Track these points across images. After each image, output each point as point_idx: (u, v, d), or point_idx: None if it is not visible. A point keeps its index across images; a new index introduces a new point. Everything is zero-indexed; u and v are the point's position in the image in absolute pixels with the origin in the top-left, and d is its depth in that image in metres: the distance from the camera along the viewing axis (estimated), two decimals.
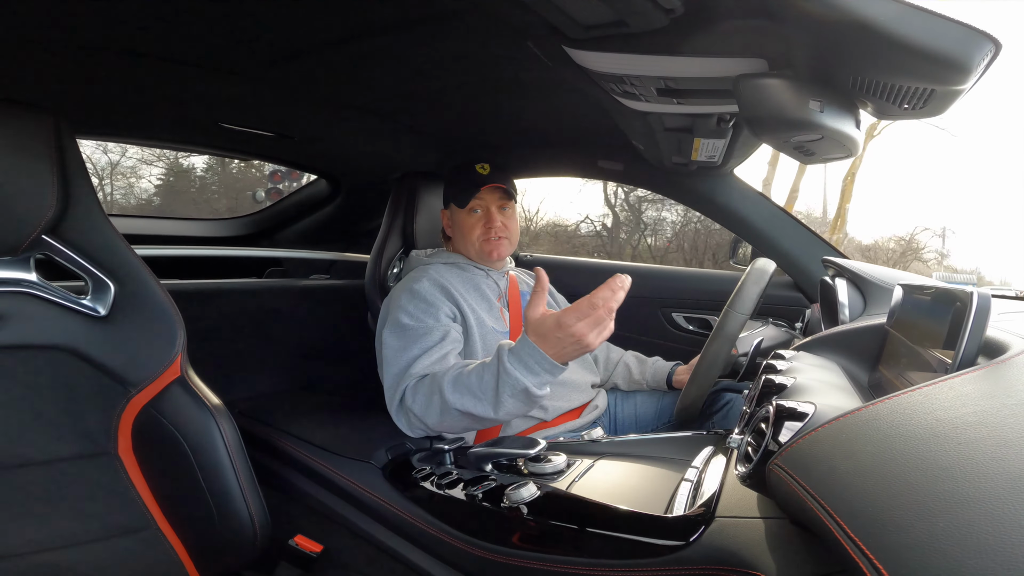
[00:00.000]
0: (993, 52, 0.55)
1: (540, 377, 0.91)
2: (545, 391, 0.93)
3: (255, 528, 0.84)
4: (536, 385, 0.92)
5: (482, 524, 0.80)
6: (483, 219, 1.28)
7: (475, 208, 1.28)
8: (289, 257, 1.97)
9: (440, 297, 1.18)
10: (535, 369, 0.91)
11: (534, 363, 0.91)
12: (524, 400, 0.93)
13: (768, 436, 0.50)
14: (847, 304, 0.99)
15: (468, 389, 0.97)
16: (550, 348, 0.89)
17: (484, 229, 1.28)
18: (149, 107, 1.34)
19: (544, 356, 0.90)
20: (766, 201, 1.52)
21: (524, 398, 0.93)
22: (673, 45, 0.72)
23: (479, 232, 1.28)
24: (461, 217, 1.30)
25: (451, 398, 0.98)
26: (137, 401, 0.81)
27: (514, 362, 0.92)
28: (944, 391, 0.41)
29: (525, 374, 0.91)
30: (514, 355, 0.92)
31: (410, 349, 1.10)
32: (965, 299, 0.48)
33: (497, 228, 1.28)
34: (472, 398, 0.97)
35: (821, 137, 0.72)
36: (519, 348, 0.92)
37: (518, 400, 0.93)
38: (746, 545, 0.56)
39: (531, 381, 0.91)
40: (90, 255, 0.80)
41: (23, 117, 0.73)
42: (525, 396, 0.92)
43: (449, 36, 0.94)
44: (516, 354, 0.92)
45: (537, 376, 0.91)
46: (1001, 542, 0.26)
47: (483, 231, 1.28)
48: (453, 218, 1.33)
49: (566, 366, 0.92)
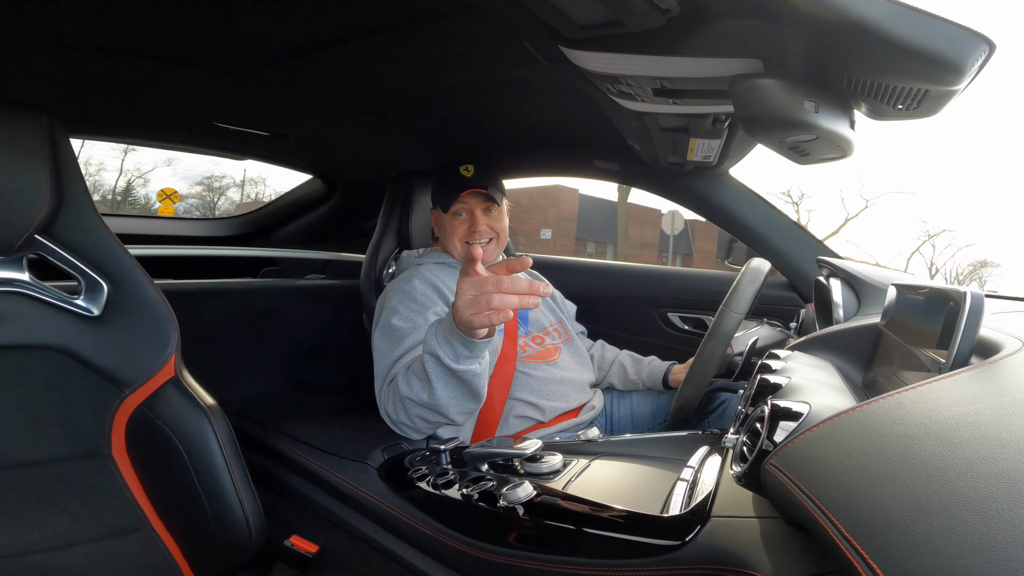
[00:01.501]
0: (987, 53, 0.55)
1: (454, 347, 0.88)
2: (465, 366, 0.90)
3: (250, 529, 0.84)
4: (450, 357, 0.88)
5: (478, 524, 0.80)
6: (467, 222, 1.27)
7: (459, 211, 1.27)
8: (284, 257, 1.96)
9: (431, 296, 1.18)
10: (449, 339, 0.88)
11: (448, 332, 0.88)
12: (448, 375, 0.91)
13: (763, 436, 0.50)
14: (841, 304, 0.99)
15: (414, 373, 0.97)
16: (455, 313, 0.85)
17: (468, 232, 1.27)
18: (143, 106, 1.33)
19: (453, 325, 0.85)
20: (761, 201, 1.52)
21: (445, 372, 0.91)
22: (669, 45, 0.72)
23: (462, 233, 1.28)
24: (446, 219, 1.29)
25: (402, 386, 0.98)
26: (131, 401, 0.81)
27: (435, 332, 0.90)
28: (938, 391, 0.41)
29: (440, 342, 0.89)
30: (436, 326, 0.91)
31: (396, 349, 1.10)
32: (959, 299, 0.48)
33: (481, 231, 1.26)
34: (417, 381, 0.96)
35: (816, 137, 0.72)
36: (443, 320, 0.90)
37: (444, 376, 0.91)
38: (741, 545, 0.57)
39: (444, 351, 0.88)
40: (83, 255, 0.80)
41: (16, 116, 0.73)
42: (443, 369, 0.90)
43: (445, 36, 0.94)
44: (437, 325, 0.91)
45: (451, 346, 0.88)
46: (995, 541, 0.26)
47: (466, 234, 1.27)
48: (439, 220, 1.33)
49: (480, 341, 0.87)
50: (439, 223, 1.33)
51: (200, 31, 0.94)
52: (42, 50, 0.97)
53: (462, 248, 1.28)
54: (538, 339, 1.29)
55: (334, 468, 1.02)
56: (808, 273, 1.41)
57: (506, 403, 1.19)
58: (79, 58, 1.01)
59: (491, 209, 1.28)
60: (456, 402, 0.95)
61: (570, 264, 1.96)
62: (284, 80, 1.17)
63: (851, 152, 0.77)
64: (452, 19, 0.88)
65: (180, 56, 1.03)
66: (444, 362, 0.89)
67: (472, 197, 1.26)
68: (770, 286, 1.52)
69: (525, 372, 1.21)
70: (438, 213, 1.33)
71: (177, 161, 19.49)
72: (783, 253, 1.47)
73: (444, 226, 1.30)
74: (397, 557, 0.90)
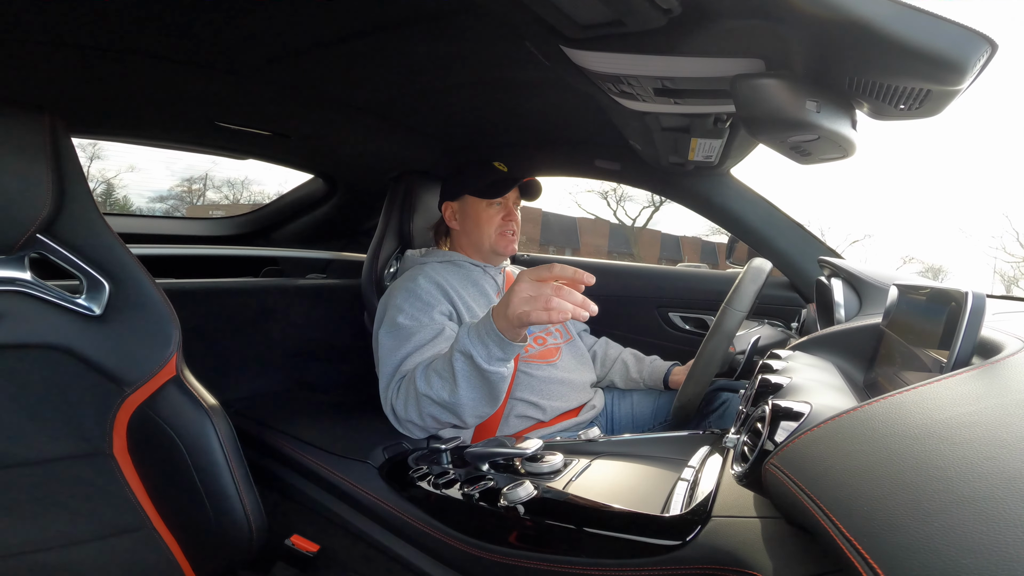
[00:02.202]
0: (989, 53, 0.55)
1: (488, 348, 0.90)
2: (495, 368, 0.92)
3: (251, 528, 0.84)
4: (483, 357, 0.90)
5: (479, 524, 0.80)
6: (503, 212, 1.31)
7: (498, 202, 1.31)
8: (285, 256, 1.96)
9: (437, 295, 1.18)
10: (484, 339, 0.90)
11: (484, 333, 0.90)
12: (475, 376, 0.93)
13: (764, 436, 0.50)
14: (843, 304, 0.99)
15: (435, 371, 0.99)
16: (500, 320, 0.88)
17: (503, 221, 1.30)
18: (145, 106, 1.33)
19: (492, 326, 0.89)
20: (763, 201, 1.52)
21: (473, 372, 0.92)
22: (670, 45, 0.72)
23: (497, 224, 1.30)
24: (479, 208, 1.30)
25: (420, 384, 0.99)
26: (132, 401, 0.81)
27: (468, 331, 0.93)
28: (939, 391, 0.41)
29: (473, 342, 0.91)
30: (471, 327, 0.93)
31: (403, 347, 1.10)
32: (960, 299, 0.48)
33: (518, 221, 1.32)
34: (438, 379, 0.97)
35: (817, 137, 0.72)
36: (479, 322, 0.93)
37: (471, 376, 0.93)
38: (742, 545, 0.56)
39: (477, 350, 0.91)
40: (85, 254, 0.80)
41: (18, 116, 0.73)
42: (473, 368, 0.92)
43: (446, 35, 0.94)
44: (473, 326, 0.93)
45: (485, 347, 0.90)
46: (996, 542, 0.26)
47: (501, 223, 1.30)
48: (467, 209, 1.32)
49: (516, 343, 0.90)
50: (466, 212, 1.32)
51: (202, 31, 0.94)
52: (43, 50, 0.97)
53: (496, 239, 1.30)
54: (540, 339, 1.29)
55: (335, 467, 1.02)
56: (809, 273, 1.41)
57: (507, 403, 1.19)
58: (81, 58, 1.01)
59: (519, 206, 1.35)
60: (475, 404, 0.97)
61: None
62: (286, 80, 1.17)
63: (852, 152, 0.77)
64: (453, 19, 0.88)
65: (182, 55, 1.03)
66: (476, 361, 0.91)
67: (513, 191, 1.32)
68: (771, 286, 1.52)
69: (526, 372, 1.21)
70: (468, 202, 1.32)
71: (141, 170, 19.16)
72: (784, 253, 1.47)
73: (475, 215, 1.31)
74: (398, 556, 0.90)
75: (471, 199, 1.31)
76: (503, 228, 1.30)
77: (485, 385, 0.94)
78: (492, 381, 0.93)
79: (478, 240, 1.31)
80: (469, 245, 1.33)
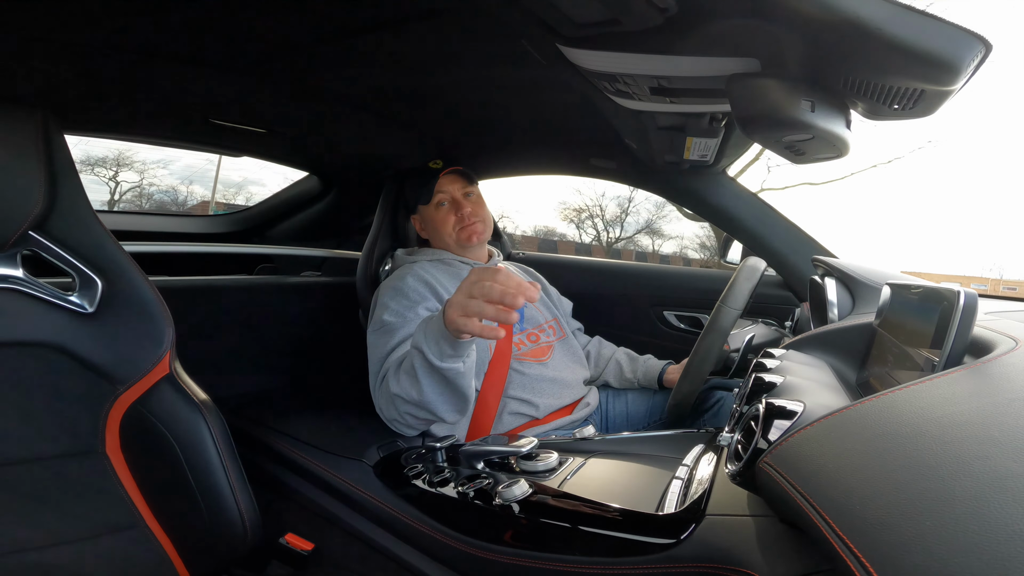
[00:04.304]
0: (983, 53, 0.55)
1: (439, 345, 0.89)
2: (448, 364, 0.91)
3: (245, 526, 0.84)
4: (434, 354, 0.89)
5: (474, 522, 0.80)
6: (451, 209, 1.31)
7: (441, 201, 1.31)
8: (280, 254, 1.95)
9: (423, 292, 1.18)
10: (436, 336, 0.89)
11: (435, 329, 0.89)
12: (433, 372, 0.92)
13: (757, 434, 0.51)
14: (836, 303, 0.99)
15: (404, 370, 0.98)
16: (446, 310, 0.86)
17: (456, 217, 1.30)
18: (138, 103, 1.33)
19: (442, 323, 0.86)
20: (757, 200, 1.52)
21: (430, 368, 0.91)
22: (667, 44, 0.72)
23: (452, 221, 1.30)
24: (430, 213, 1.32)
25: (392, 383, 1.00)
26: (125, 399, 0.80)
27: (423, 326, 0.92)
28: (931, 390, 0.41)
29: (427, 338, 0.90)
30: (425, 321, 0.93)
31: (387, 344, 1.11)
32: (952, 298, 0.48)
33: (467, 213, 1.30)
34: (407, 377, 0.97)
35: (812, 137, 0.72)
36: (433, 316, 0.92)
37: (430, 373, 0.92)
38: (736, 543, 0.57)
39: (429, 347, 0.89)
40: (77, 251, 0.79)
41: (11, 113, 0.73)
42: (427, 365, 0.91)
43: (442, 33, 0.94)
44: (425, 321, 0.93)
45: (436, 344, 0.89)
46: (987, 540, 0.26)
47: (456, 219, 1.30)
48: (424, 218, 1.36)
49: (459, 339, 0.87)
50: (425, 222, 1.36)
51: (196, 28, 0.93)
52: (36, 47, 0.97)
53: (458, 236, 1.30)
54: (533, 336, 1.29)
55: (329, 466, 1.02)
56: (803, 272, 1.41)
57: (500, 401, 1.19)
58: (73, 55, 1.00)
59: (470, 193, 1.33)
60: (443, 400, 0.96)
61: (566, 262, 1.96)
62: (280, 77, 1.16)
63: (847, 152, 0.77)
64: (449, 16, 0.87)
65: (176, 53, 1.03)
66: (428, 358, 0.90)
67: (450, 183, 1.31)
68: (765, 285, 1.52)
69: (519, 370, 1.21)
70: (421, 212, 1.35)
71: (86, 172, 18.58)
72: (778, 252, 1.48)
73: (430, 221, 1.33)
74: (392, 555, 0.90)
75: (422, 208, 1.34)
76: (460, 224, 1.30)
77: (444, 382, 0.93)
78: (448, 377, 0.92)
79: (445, 243, 1.33)
80: (444, 246, 1.35)
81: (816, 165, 0.91)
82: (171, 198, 14.08)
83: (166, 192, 14.06)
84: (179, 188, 14.47)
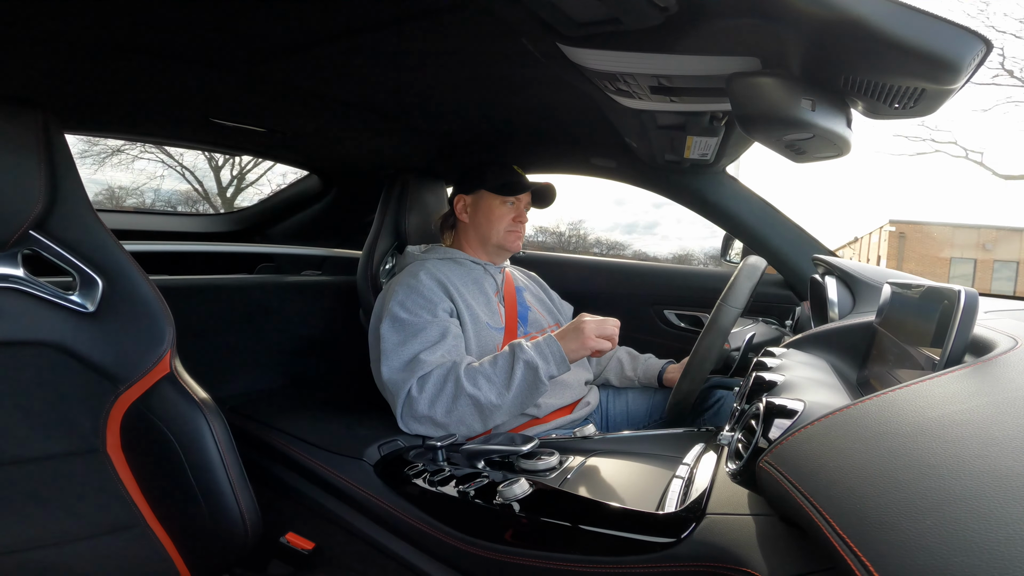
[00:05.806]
0: (984, 52, 0.55)
1: (549, 364, 1.07)
2: (546, 384, 1.08)
3: (246, 525, 0.84)
4: (544, 371, 1.07)
5: (474, 521, 0.80)
6: (514, 212, 1.34)
7: (509, 200, 1.34)
8: (280, 253, 1.95)
9: (438, 292, 1.18)
10: (547, 356, 1.08)
11: (547, 351, 1.08)
12: (531, 384, 1.07)
13: (758, 433, 0.51)
14: (836, 302, 0.99)
15: (482, 374, 1.08)
16: (565, 342, 1.09)
17: (513, 221, 1.33)
18: (139, 102, 1.33)
19: (558, 347, 1.08)
20: (757, 199, 1.52)
21: (532, 380, 1.06)
22: (667, 43, 0.72)
23: (508, 222, 1.33)
24: (493, 204, 1.32)
25: (465, 383, 1.06)
26: (126, 398, 0.80)
27: (531, 347, 1.09)
28: (931, 389, 0.41)
29: (537, 356, 1.07)
30: (532, 344, 1.10)
31: (410, 344, 1.11)
32: (953, 297, 0.48)
33: (522, 222, 1.36)
34: (486, 381, 1.07)
35: (812, 136, 0.72)
36: (541, 341, 1.10)
37: (530, 384, 1.07)
38: (736, 542, 0.57)
39: (542, 365, 1.07)
40: (78, 251, 0.79)
41: (11, 112, 0.72)
42: (533, 378, 1.06)
43: (443, 32, 0.94)
44: (535, 344, 1.10)
45: (547, 362, 1.07)
46: (986, 539, 0.26)
47: (511, 223, 1.33)
48: (479, 203, 1.34)
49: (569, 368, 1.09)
50: (480, 208, 1.34)
51: (197, 27, 0.93)
52: (37, 46, 0.97)
53: (505, 236, 1.33)
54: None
55: (330, 465, 1.02)
56: (804, 271, 1.41)
57: None
58: (75, 54, 1.00)
59: (528, 208, 1.40)
60: (512, 408, 1.08)
61: (567, 261, 1.96)
62: (281, 76, 1.16)
63: (848, 151, 0.77)
64: (450, 15, 0.87)
65: (177, 52, 1.03)
66: (539, 374, 1.07)
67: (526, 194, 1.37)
68: (766, 284, 1.52)
69: None
70: (482, 196, 1.34)
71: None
72: (779, 251, 1.48)
73: (487, 210, 1.33)
74: (393, 554, 0.90)
75: (486, 194, 1.33)
76: (513, 227, 1.33)
77: (533, 395, 1.08)
78: (540, 391, 1.09)
79: (486, 234, 1.32)
80: (476, 238, 1.34)
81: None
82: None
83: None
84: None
